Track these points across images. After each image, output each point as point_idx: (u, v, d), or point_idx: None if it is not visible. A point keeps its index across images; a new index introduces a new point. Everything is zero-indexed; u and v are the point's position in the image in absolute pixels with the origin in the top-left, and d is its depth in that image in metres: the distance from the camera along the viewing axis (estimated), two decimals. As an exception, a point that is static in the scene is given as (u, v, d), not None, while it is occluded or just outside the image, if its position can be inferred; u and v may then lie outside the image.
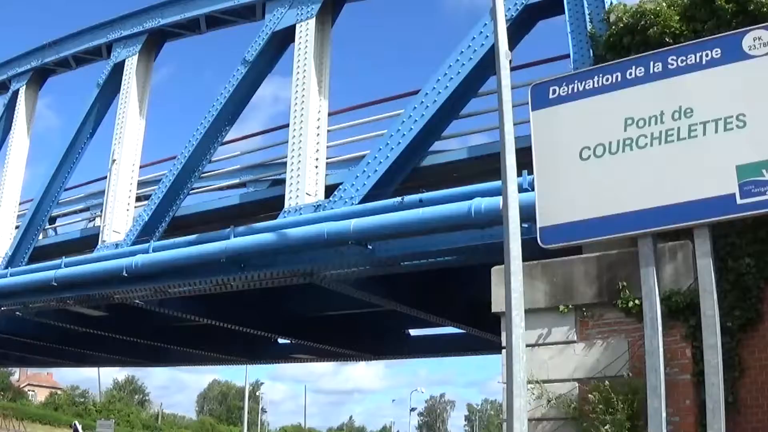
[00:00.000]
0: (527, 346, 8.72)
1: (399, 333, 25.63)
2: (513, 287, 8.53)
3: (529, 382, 9.15)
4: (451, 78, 13.72)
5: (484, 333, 19.95)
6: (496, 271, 11.04)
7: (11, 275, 21.08)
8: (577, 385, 10.21)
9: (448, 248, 13.61)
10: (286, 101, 16.14)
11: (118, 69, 19.97)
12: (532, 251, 9.49)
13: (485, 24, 13.36)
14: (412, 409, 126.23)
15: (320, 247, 14.26)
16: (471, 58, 13.56)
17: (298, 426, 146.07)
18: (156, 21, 19.42)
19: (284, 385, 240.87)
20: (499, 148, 9.18)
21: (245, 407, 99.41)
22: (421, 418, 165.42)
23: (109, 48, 20.69)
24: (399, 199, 13.32)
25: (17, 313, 23.20)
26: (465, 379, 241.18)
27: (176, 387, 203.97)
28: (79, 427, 50.46)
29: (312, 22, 16.17)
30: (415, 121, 13.93)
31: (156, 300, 19.47)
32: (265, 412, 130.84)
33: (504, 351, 9.00)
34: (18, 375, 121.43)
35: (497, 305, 10.67)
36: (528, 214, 10.21)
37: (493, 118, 13.41)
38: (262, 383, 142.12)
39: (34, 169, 21.77)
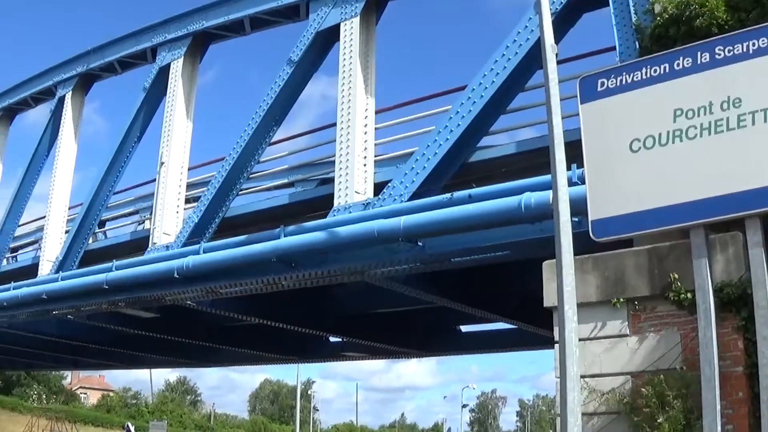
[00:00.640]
0: (580, 340, 8.77)
1: (450, 329, 25.77)
2: (565, 281, 8.59)
3: (582, 376, 9.19)
4: (498, 73, 13.80)
5: (535, 328, 20.04)
6: (547, 266, 11.11)
7: (62, 279, 21.50)
8: (630, 378, 10.23)
9: (499, 243, 13.71)
10: (333, 99, 16.36)
11: (164, 72, 20.28)
12: (582, 245, 9.55)
13: (530, 18, 13.45)
14: (464, 406, 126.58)
15: (370, 244, 14.39)
16: (517, 53, 13.64)
17: (350, 424, 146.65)
18: (200, 24, 19.72)
19: (336, 384, 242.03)
20: (548, 142, 9.25)
21: (297, 406, 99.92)
22: (473, 414, 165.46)
23: (154, 52, 21.02)
24: (448, 195, 13.40)
25: (69, 316, 23.69)
26: (516, 375, 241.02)
27: (228, 387, 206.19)
28: (132, 429, 51.18)
29: (356, 20, 16.33)
30: (463, 117, 14.04)
31: (207, 300, 19.79)
32: (317, 410, 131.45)
33: (557, 345, 9.05)
34: (70, 378, 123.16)
35: (549, 300, 10.74)
36: (577, 207, 10.27)
37: (541, 112, 13.52)
38: (313, 382, 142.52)
39: (85, 173, 22.20)
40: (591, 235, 10.58)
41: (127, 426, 57.69)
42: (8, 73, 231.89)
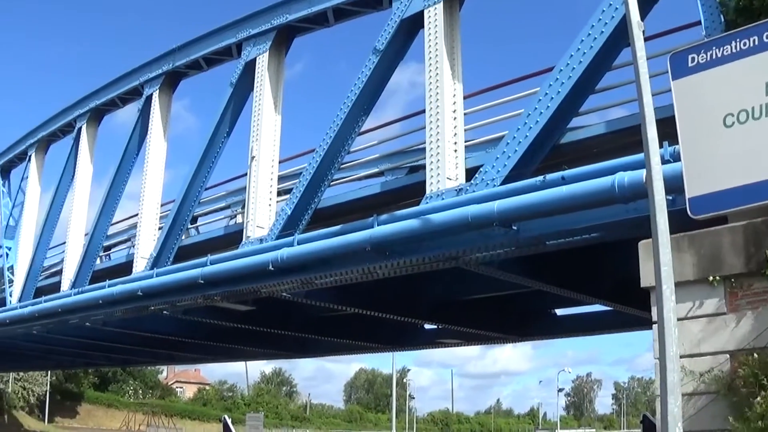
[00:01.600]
0: (678, 320, 8.79)
1: (545, 313, 26.01)
2: (662, 261, 8.66)
3: (680, 356, 9.20)
4: (585, 52, 13.86)
5: (631, 309, 20.06)
6: (643, 246, 11.23)
7: (157, 275, 22.22)
8: (728, 358, 10.30)
9: (593, 225, 13.80)
10: (422, 86, 16.52)
11: (250, 67, 20.71)
12: (675, 223, 9.60)
13: None
14: (560, 390, 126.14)
15: (464, 230, 14.57)
16: (603, 31, 13.67)
17: (446, 411, 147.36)
18: (283, 17, 20.07)
19: (431, 371, 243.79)
20: (639, 121, 9.32)
21: (393, 394, 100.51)
22: (568, 398, 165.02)
23: (239, 47, 21.46)
24: (541, 177, 13.49)
25: (164, 312, 24.43)
26: (612, 358, 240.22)
27: (323, 377, 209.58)
28: (229, 421, 51.80)
29: (440, 6, 16.48)
30: (552, 98, 14.14)
31: (302, 291, 20.35)
32: (413, 398, 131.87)
33: (655, 326, 9.07)
34: (166, 373, 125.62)
35: (646, 280, 10.85)
36: (671, 185, 10.38)
37: (631, 90, 13.66)
38: (409, 370, 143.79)
39: (177, 170, 22.80)
40: (689, 212, 10.67)
41: (224, 419, 58.51)
42: (95, 74, 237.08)
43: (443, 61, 16.22)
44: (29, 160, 33.43)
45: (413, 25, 17.17)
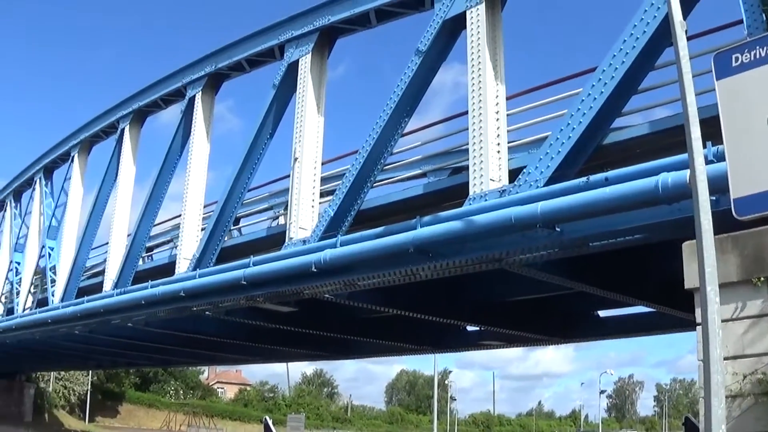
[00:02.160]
0: (722, 321, 8.81)
1: (588, 315, 25.99)
2: (706, 262, 8.63)
3: (724, 358, 9.23)
4: (627, 53, 13.86)
5: (674, 310, 20.03)
6: (687, 246, 11.24)
7: (200, 276, 22.53)
8: None
9: (636, 226, 13.82)
10: (466, 86, 16.56)
11: (293, 69, 20.90)
12: (718, 224, 9.58)
13: None
14: (602, 392, 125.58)
15: (508, 232, 14.63)
16: (645, 31, 13.68)
17: (487, 413, 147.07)
18: (326, 18, 20.25)
19: (472, 373, 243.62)
20: (682, 121, 9.30)
21: (435, 396, 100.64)
22: (610, 400, 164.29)
23: (281, 49, 21.73)
24: (584, 178, 13.54)
25: (206, 313, 24.74)
26: (654, 359, 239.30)
27: (365, 378, 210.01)
28: (270, 422, 52.09)
29: (482, 7, 16.53)
30: (595, 99, 14.16)
31: (345, 293, 20.50)
32: (454, 400, 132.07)
33: (699, 328, 9.07)
34: (207, 373, 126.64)
35: (690, 281, 10.86)
36: (715, 186, 10.28)
37: (674, 90, 13.75)
38: (450, 371, 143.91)
39: (222, 171, 23.08)
40: (734, 213, 10.59)
41: (265, 419, 58.85)
42: (138, 76, 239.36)
43: (486, 61, 16.28)
44: (72, 160, 34.01)
45: (455, 25, 17.25)
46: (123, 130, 29.18)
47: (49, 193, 37.96)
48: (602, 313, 26.20)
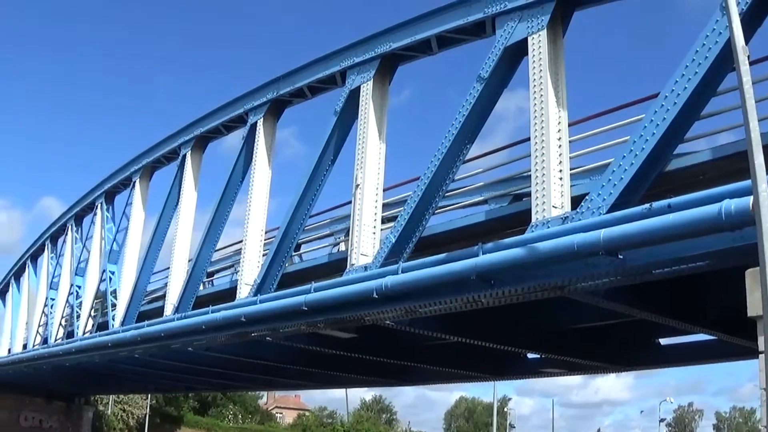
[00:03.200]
0: None
1: (649, 342, 25.83)
2: None
3: None
4: (689, 78, 13.84)
5: (736, 338, 19.93)
6: (750, 274, 11.29)
7: (261, 302, 22.80)
8: None
9: (699, 253, 13.68)
10: (528, 112, 16.70)
11: (354, 95, 21.16)
12: None
13: (717, 20, 13.50)
14: (661, 420, 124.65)
15: (571, 259, 14.60)
16: (707, 57, 13.66)
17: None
18: (387, 45, 20.49)
19: (532, 400, 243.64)
20: (746, 147, 9.36)
21: (494, 424, 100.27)
22: (670, 429, 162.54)
23: (343, 75, 21.98)
24: (647, 205, 13.52)
25: (267, 338, 24.97)
26: (714, 387, 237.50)
27: (423, 405, 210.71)
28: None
29: (543, 33, 16.65)
30: (657, 125, 14.16)
31: (406, 320, 20.63)
32: (513, 427, 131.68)
33: (761, 356, 9.15)
34: (266, 398, 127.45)
35: (753, 309, 10.91)
36: None
37: (737, 115, 13.80)
38: (509, 398, 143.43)
39: (287, 197, 23.37)
40: None
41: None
42: (199, 101, 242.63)
43: (547, 88, 16.35)
44: (133, 186, 34.56)
45: (517, 52, 17.34)
46: (185, 156, 29.69)
47: (110, 218, 38.60)
48: (663, 341, 26.04)
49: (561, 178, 15.93)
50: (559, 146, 16.14)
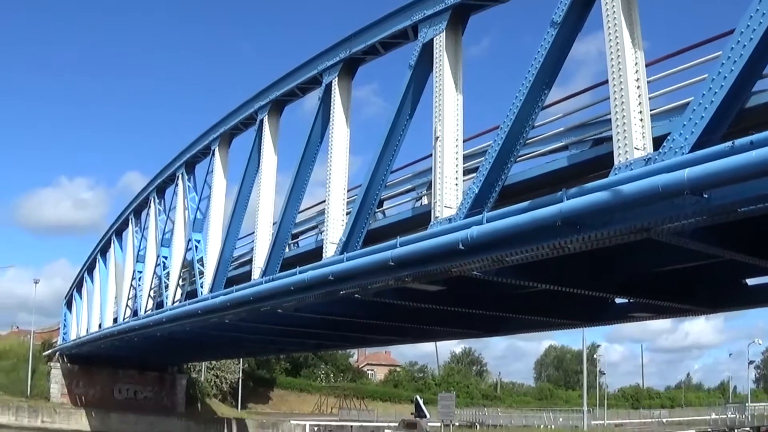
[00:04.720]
0: None
1: (737, 283, 25.70)
2: None
3: None
4: (764, 13, 13.63)
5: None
6: None
7: (348, 259, 23.33)
8: None
9: None
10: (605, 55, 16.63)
11: (428, 48, 21.24)
12: None
13: None
14: (750, 362, 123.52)
15: (655, 200, 14.63)
16: None
17: (636, 386, 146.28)
18: (457, -5, 20.45)
19: (621, 346, 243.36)
20: None
21: (584, 371, 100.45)
22: (758, 371, 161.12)
23: (414, 29, 22.07)
24: (730, 143, 13.45)
25: (355, 295, 25.45)
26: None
27: (513, 355, 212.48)
28: (421, 401, 53.26)
29: (615, -27, 16.53)
30: (735, 62, 14.01)
31: (493, 270, 20.97)
32: (603, 374, 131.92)
33: None
34: (357, 356, 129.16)
35: None
36: None
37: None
38: (598, 346, 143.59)
39: (368, 155, 23.61)
40: None
41: (416, 398, 60.19)
42: (273, 65, 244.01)
43: (622, 29, 16.26)
44: (213, 154, 35.27)
45: (589, -6, 17.18)
46: (262, 120, 30.25)
47: (192, 188, 39.43)
48: (750, 282, 25.76)
49: (642, 120, 15.91)
50: (638, 87, 16.08)
